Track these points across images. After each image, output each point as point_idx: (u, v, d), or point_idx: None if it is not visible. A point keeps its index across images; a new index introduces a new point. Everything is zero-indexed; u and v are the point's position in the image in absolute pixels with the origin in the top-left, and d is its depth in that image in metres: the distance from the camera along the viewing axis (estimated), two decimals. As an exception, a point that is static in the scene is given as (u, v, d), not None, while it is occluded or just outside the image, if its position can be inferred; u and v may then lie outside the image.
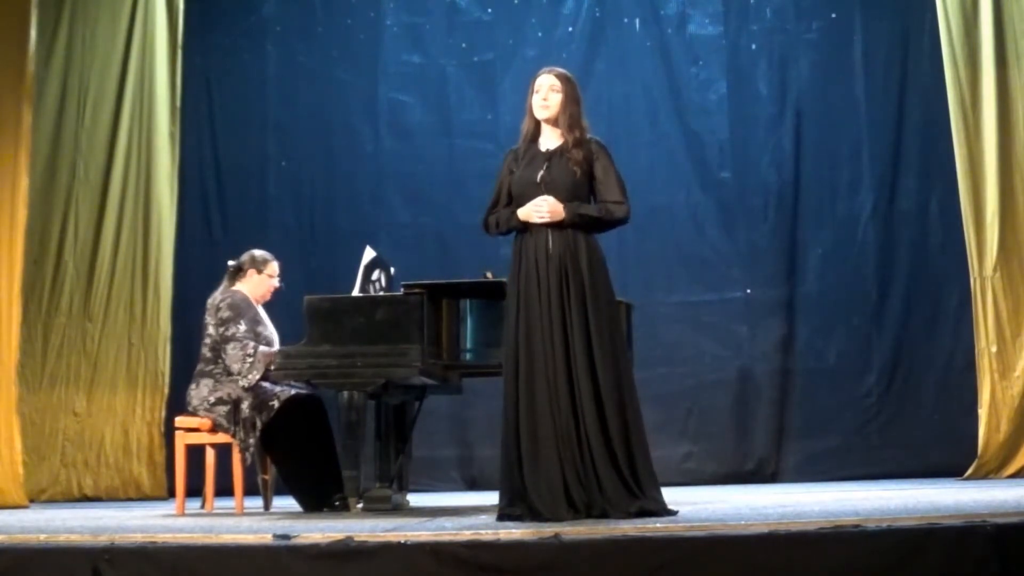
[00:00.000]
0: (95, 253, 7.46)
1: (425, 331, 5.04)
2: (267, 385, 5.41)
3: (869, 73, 7.80)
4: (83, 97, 7.48)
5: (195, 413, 5.46)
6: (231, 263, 5.72)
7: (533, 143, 4.52)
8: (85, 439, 7.30)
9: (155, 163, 7.64)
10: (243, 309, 5.51)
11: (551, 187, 4.40)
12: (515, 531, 3.73)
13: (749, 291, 7.79)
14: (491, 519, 4.27)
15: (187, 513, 5.43)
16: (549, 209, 4.35)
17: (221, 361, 5.45)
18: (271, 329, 5.65)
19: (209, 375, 5.46)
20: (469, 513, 4.89)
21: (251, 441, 5.34)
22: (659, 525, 3.84)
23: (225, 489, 5.62)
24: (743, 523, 3.75)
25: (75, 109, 7.46)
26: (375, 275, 5.50)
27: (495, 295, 5.14)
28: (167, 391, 7.40)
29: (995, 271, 6.86)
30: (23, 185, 6.49)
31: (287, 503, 5.66)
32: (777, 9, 7.96)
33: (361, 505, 5.17)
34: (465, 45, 8.15)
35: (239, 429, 5.34)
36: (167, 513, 5.52)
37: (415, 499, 5.94)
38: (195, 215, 8.02)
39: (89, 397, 7.34)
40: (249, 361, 5.38)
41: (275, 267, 5.75)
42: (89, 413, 7.32)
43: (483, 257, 6.10)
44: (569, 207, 4.38)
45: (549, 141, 4.51)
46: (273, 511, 5.55)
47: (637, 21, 8.06)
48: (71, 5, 7.45)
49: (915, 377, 7.55)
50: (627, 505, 4.17)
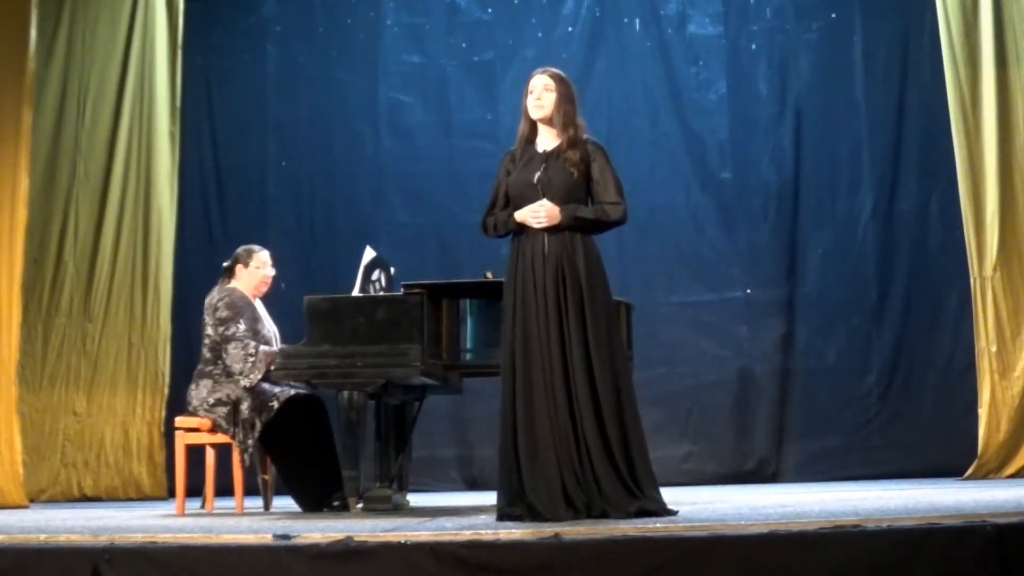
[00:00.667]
0: (95, 253, 7.46)
1: (425, 331, 5.03)
2: (267, 385, 5.40)
3: (869, 73, 7.80)
4: (83, 97, 7.48)
5: (195, 413, 5.45)
6: (225, 263, 5.72)
7: (530, 144, 4.52)
8: (85, 439, 7.30)
9: (155, 163, 7.65)
10: (241, 308, 5.51)
11: (548, 188, 4.40)
12: (515, 531, 3.72)
13: (749, 291, 7.79)
14: (491, 519, 4.27)
15: (187, 513, 5.42)
16: (546, 214, 4.36)
17: (221, 362, 5.44)
18: (269, 327, 5.64)
19: (208, 376, 5.46)
20: (469, 513, 4.89)
21: (250, 442, 5.34)
22: (659, 525, 3.83)
23: (225, 489, 5.61)
24: (743, 523, 3.75)
25: (75, 109, 7.46)
26: (375, 275, 5.50)
27: (495, 295, 5.12)
28: (167, 391, 7.41)
29: (995, 271, 6.86)
30: (23, 185, 6.49)
31: (287, 503, 5.66)
32: (777, 9, 7.96)
33: (361, 505, 5.17)
34: (465, 45, 8.16)
35: (238, 430, 5.34)
36: (167, 513, 5.52)
37: (415, 499, 5.94)
38: (195, 215, 8.02)
39: (89, 397, 7.34)
40: (251, 361, 5.38)
41: (262, 257, 5.71)
42: (89, 413, 7.33)
43: (483, 257, 6.10)
44: (565, 210, 4.38)
45: (546, 142, 4.51)
46: (273, 511, 5.55)
47: (637, 21, 8.06)
48: (71, 5, 7.45)
49: (915, 377, 7.55)
50: (626, 505, 4.17)
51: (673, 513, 4.24)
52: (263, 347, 5.43)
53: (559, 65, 4.66)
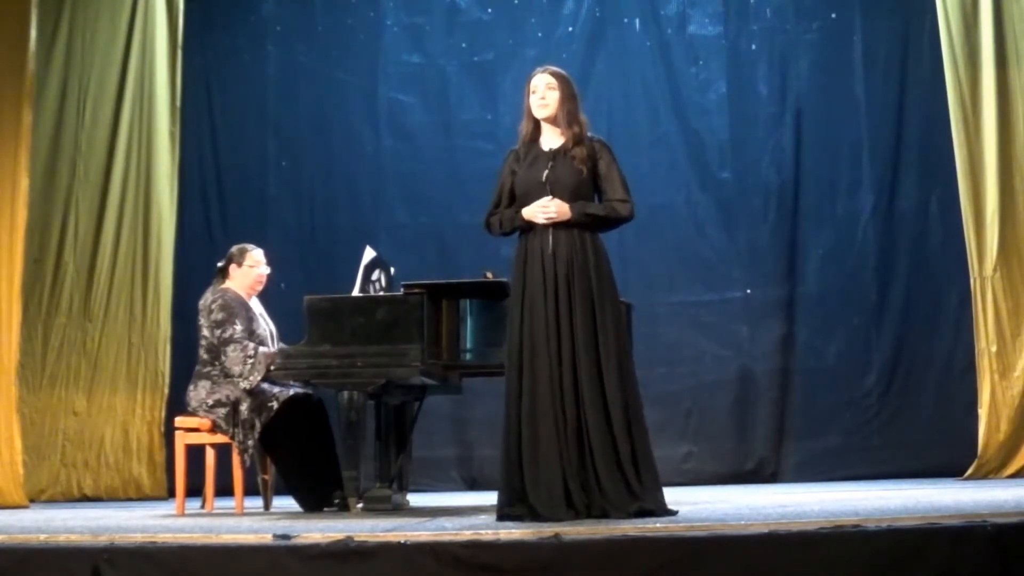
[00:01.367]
0: (95, 253, 7.46)
1: (425, 331, 5.03)
2: (266, 386, 5.40)
3: (869, 73, 7.80)
4: (83, 97, 7.49)
5: (194, 414, 5.45)
6: (219, 263, 5.71)
7: (534, 143, 4.52)
8: (85, 439, 7.30)
9: (155, 163, 7.65)
10: (235, 309, 5.50)
11: (556, 186, 4.40)
12: (515, 531, 3.72)
13: (749, 291, 7.78)
14: (491, 519, 4.27)
15: (187, 513, 5.43)
16: (556, 209, 4.36)
17: (218, 363, 5.44)
18: (265, 326, 5.63)
19: (207, 376, 5.46)
20: (469, 513, 4.89)
21: (250, 442, 5.34)
22: (659, 525, 3.84)
23: (225, 489, 5.61)
24: (743, 523, 3.75)
25: (75, 109, 7.46)
26: (375, 275, 5.50)
27: (495, 295, 5.14)
28: (167, 391, 7.40)
29: (995, 271, 6.86)
30: (23, 185, 6.49)
31: (287, 503, 5.66)
32: (777, 9, 7.95)
33: (361, 505, 5.17)
34: (465, 45, 8.15)
35: (238, 430, 5.34)
36: (167, 513, 5.52)
37: (415, 499, 5.94)
38: (195, 215, 8.02)
39: (89, 397, 7.34)
40: (250, 363, 5.38)
41: (255, 255, 5.70)
42: (89, 413, 7.33)
43: (483, 257, 6.10)
44: (575, 206, 4.39)
45: (550, 140, 4.51)
46: (273, 511, 5.55)
47: (637, 21, 8.06)
48: (71, 5, 7.45)
49: (915, 377, 7.55)
50: (627, 505, 4.17)
51: (673, 513, 4.24)
52: (262, 348, 5.42)
53: (559, 65, 4.66)
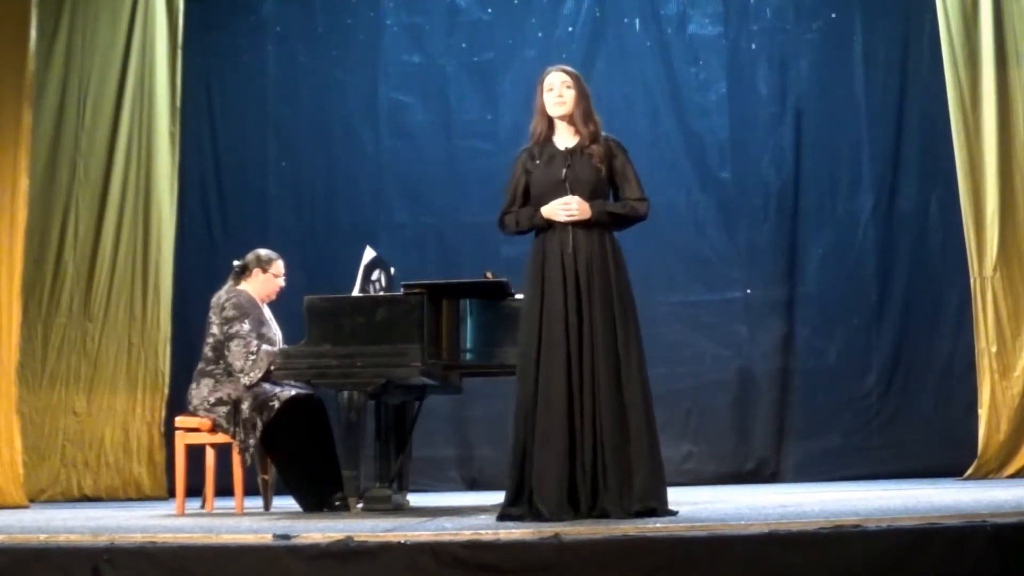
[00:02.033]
0: (95, 253, 7.46)
1: (425, 331, 5.03)
2: (267, 386, 5.40)
3: (869, 73, 7.80)
4: (83, 97, 7.48)
5: (195, 413, 5.45)
6: (236, 263, 5.71)
7: (547, 142, 4.52)
8: (85, 439, 7.30)
9: (155, 163, 7.64)
10: (248, 309, 5.51)
11: (576, 185, 4.40)
12: (515, 531, 3.72)
13: (749, 291, 7.78)
14: (491, 519, 4.27)
15: (187, 513, 5.42)
16: (578, 207, 4.36)
17: (222, 361, 5.45)
18: (275, 330, 5.64)
19: (209, 375, 5.46)
20: (469, 513, 4.89)
21: (251, 442, 5.34)
22: (659, 525, 3.84)
23: (225, 489, 5.61)
24: (743, 523, 3.75)
25: (75, 109, 7.46)
26: (375, 275, 5.50)
27: (495, 295, 5.14)
28: (167, 391, 7.40)
29: (995, 271, 6.86)
30: (23, 185, 6.49)
31: (287, 503, 5.66)
32: (777, 9, 7.96)
33: (361, 505, 5.17)
34: (465, 45, 8.15)
35: (239, 430, 5.34)
36: (167, 513, 5.52)
37: (415, 499, 5.94)
38: (195, 215, 8.02)
39: (89, 397, 7.34)
40: (252, 359, 5.38)
41: (280, 266, 5.74)
42: (89, 413, 7.32)
43: (483, 257, 6.11)
44: (595, 205, 4.39)
45: (565, 139, 4.51)
46: (273, 511, 5.55)
47: (637, 21, 8.06)
48: (71, 5, 7.45)
49: (915, 377, 7.55)
50: (631, 504, 4.17)
51: (673, 513, 4.24)
52: (264, 346, 5.43)
53: (560, 65, 4.65)
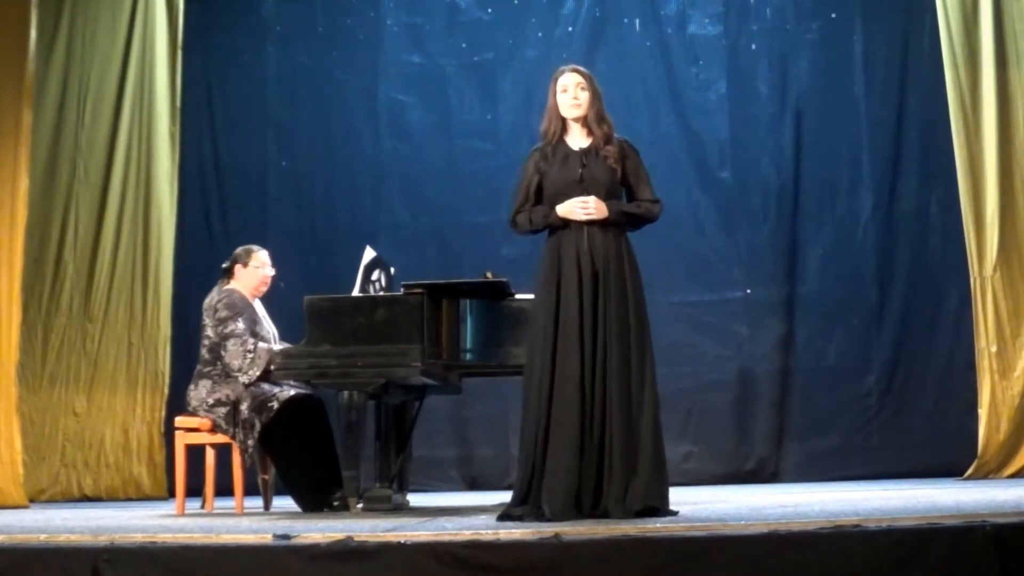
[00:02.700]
0: (95, 253, 7.46)
1: (425, 331, 5.03)
2: (266, 386, 5.40)
3: (869, 73, 7.80)
4: (83, 97, 7.49)
5: (195, 414, 5.46)
6: (224, 265, 5.72)
7: (560, 142, 4.52)
8: (85, 439, 7.30)
9: (155, 163, 7.65)
10: (241, 307, 5.51)
11: (592, 184, 4.42)
12: (515, 531, 3.72)
13: (749, 291, 7.78)
14: (491, 519, 4.27)
15: (187, 513, 5.42)
16: (595, 207, 4.37)
17: (220, 362, 5.44)
18: (268, 327, 5.64)
19: (207, 376, 5.46)
20: (469, 513, 4.89)
21: (250, 442, 5.33)
22: (659, 525, 3.84)
23: (225, 489, 5.61)
24: (743, 523, 3.75)
25: (75, 109, 7.46)
26: (375, 275, 5.50)
27: (495, 295, 5.14)
28: (167, 391, 7.41)
29: (995, 271, 6.86)
30: (23, 185, 6.49)
31: (287, 503, 5.66)
32: (777, 9, 7.95)
33: (361, 505, 5.17)
34: (465, 45, 8.15)
35: (238, 430, 5.34)
36: (167, 513, 5.52)
37: (415, 499, 5.94)
38: (195, 215, 8.02)
39: (89, 397, 7.34)
40: (250, 357, 5.38)
41: (261, 256, 5.71)
42: (89, 413, 7.33)
43: (483, 257, 6.11)
44: (611, 205, 4.41)
45: (578, 140, 4.52)
46: (273, 511, 5.55)
47: (637, 21, 8.06)
48: (71, 5, 7.45)
49: (915, 377, 7.55)
50: (633, 503, 4.17)
51: (673, 513, 4.24)
52: (262, 344, 5.42)
53: (559, 65, 4.66)
